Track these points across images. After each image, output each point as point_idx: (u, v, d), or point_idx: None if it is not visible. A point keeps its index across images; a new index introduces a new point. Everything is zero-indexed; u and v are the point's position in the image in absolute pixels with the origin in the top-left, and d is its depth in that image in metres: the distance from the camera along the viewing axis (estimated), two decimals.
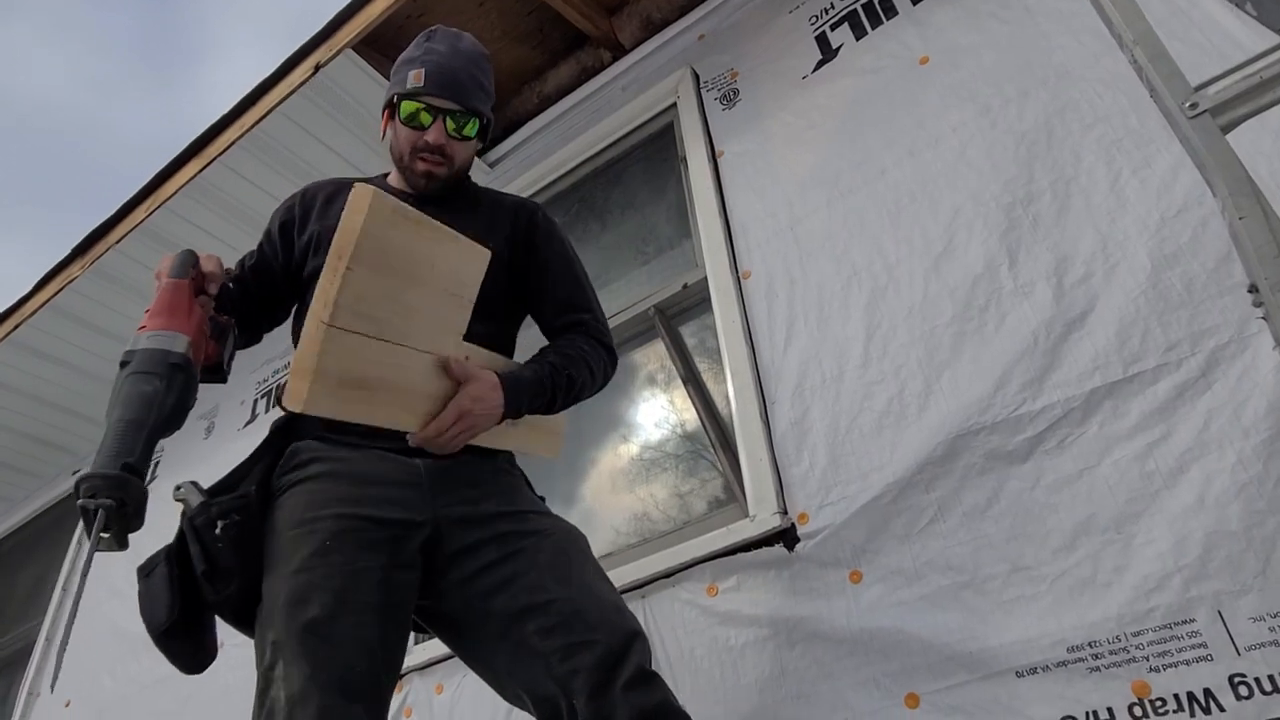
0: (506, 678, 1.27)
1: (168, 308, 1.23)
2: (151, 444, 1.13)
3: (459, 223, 1.42)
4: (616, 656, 1.14)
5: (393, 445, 1.31)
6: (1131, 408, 1.46)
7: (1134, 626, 1.32)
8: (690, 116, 2.53)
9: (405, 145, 1.47)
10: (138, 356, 1.17)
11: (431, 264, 1.25)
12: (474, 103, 1.46)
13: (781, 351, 1.95)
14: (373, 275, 1.18)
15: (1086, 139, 1.74)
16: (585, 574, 1.27)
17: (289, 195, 1.59)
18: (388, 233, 1.18)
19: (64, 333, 3.54)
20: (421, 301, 1.25)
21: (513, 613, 1.22)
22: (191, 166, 2.98)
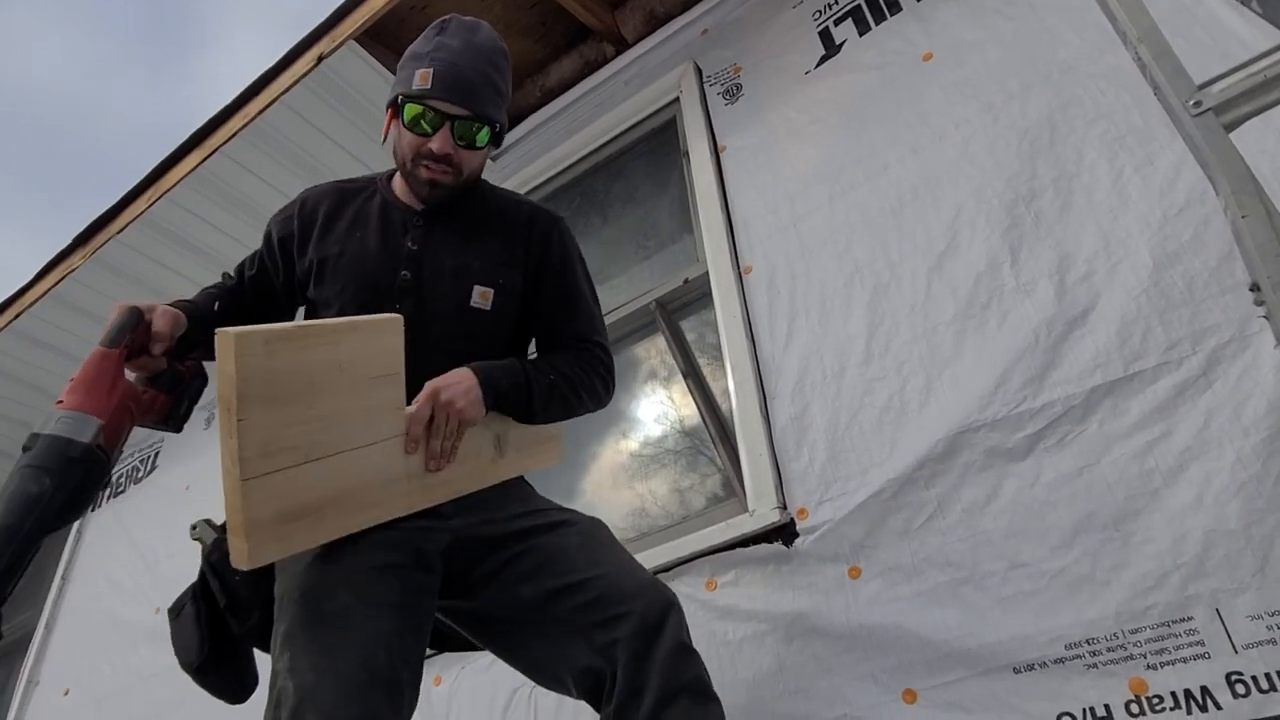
0: (545, 662, 1.27)
1: (86, 384, 1.18)
2: (23, 552, 1.10)
3: (462, 249, 1.40)
4: (654, 626, 1.15)
5: None
6: (1132, 406, 1.46)
7: (1132, 624, 1.32)
8: (693, 111, 2.52)
9: (409, 151, 1.36)
10: (38, 445, 1.12)
11: (336, 366, 1.14)
12: (485, 108, 1.34)
13: (782, 347, 1.95)
14: (270, 411, 1.08)
15: (1089, 136, 1.74)
16: (614, 553, 1.27)
17: (287, 203, 1.51)
18: (269, 365, 1.07)
19: (65, 322, 3.54)
20: (341, 404, 1.15)
21: (545, 596, 1.22)
22: (193, 157, 2.97)
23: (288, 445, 1.11)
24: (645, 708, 1.10)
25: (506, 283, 1.41)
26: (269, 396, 1.08)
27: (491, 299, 1.38)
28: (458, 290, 1.37)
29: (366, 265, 1.38)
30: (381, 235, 1.41)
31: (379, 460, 1.19)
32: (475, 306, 1.37)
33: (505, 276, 1.41)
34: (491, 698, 1.99)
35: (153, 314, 1.25)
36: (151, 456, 3.75)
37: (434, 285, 1.37)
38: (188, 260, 3.35)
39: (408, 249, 1.39)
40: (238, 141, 2.90)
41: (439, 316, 1.36)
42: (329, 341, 1.13)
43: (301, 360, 1.10)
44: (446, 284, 1.37)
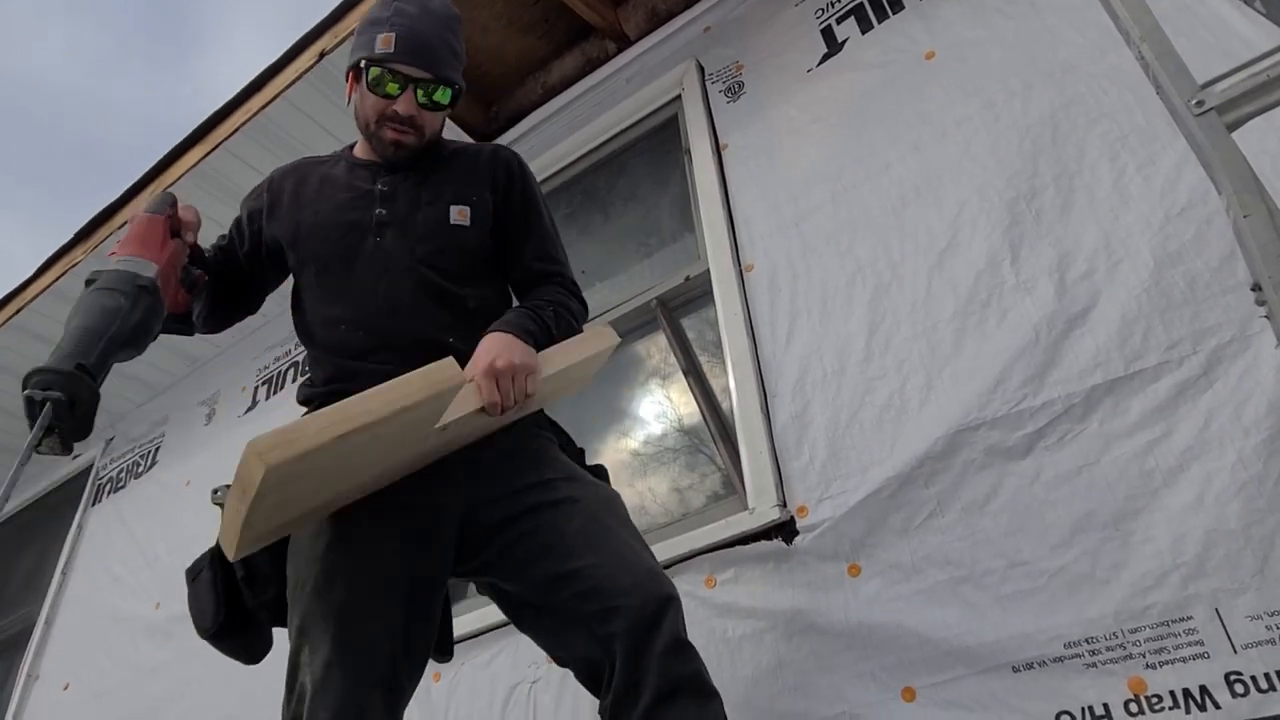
0: (551, 644, 1.31)
1: (140, 237, 1.23)
2: (108, 355, 1.10)
3: (431, 183, 1.46)
4: (650, 621, 1.14)
5: None
6: (1132, 405, 1.46)
7: (1131, 623, 1.32)
8: (695, 109, 2.52)
9: (372, 113, 1.41)
10: (104, 276, 1.17)
11: (373, 438, 1.10)
12: (446, 71, 1.40)
13: (783, 345, 1.95)
14: (288, 486, 1.08)
15: (1091, 135, 1.74)
16: (617, 539, 1.26)
17: (257, 184, 1.57)
18: (296, 469, 1.05)
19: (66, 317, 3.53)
20: (373, 454, 1.15)
21: (548, 582, 1.23)
22: (195, 152, 2.98)
23: (305, 496, 1.14)
24: (643, 704, 1.10)
25: (479, 199, 1.47)
26: (289, 484, 1.07)
27: (469, 215, 1.45)
28: (436, 212, 1.43)
29: (341, 213, 1.44)
30: (350, 187, 1.47)
31: (403, 458, 1.23)
32: (456, 224, 1.43)
33: (477, 194, 1.47)
34: (491, 694, 1.99)
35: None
36: (152, 452, 3.75)
37: (411, 213, 1.43)
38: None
39: (379, 190, 1.46)
40: (240, 137, 2.90)
41: (423, 238, 1.42)
42: (373, 430, 1.08)
43: (337, 452, 1.07)
44: (424, 210, 1.44)
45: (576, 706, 1.85)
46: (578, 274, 1.57)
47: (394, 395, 1.10)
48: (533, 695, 1.93)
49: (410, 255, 1.40)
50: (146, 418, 3.95)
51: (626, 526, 1.32)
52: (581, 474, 1.39)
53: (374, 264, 1.40)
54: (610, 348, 1.43)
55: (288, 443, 1.03)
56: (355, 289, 1.39)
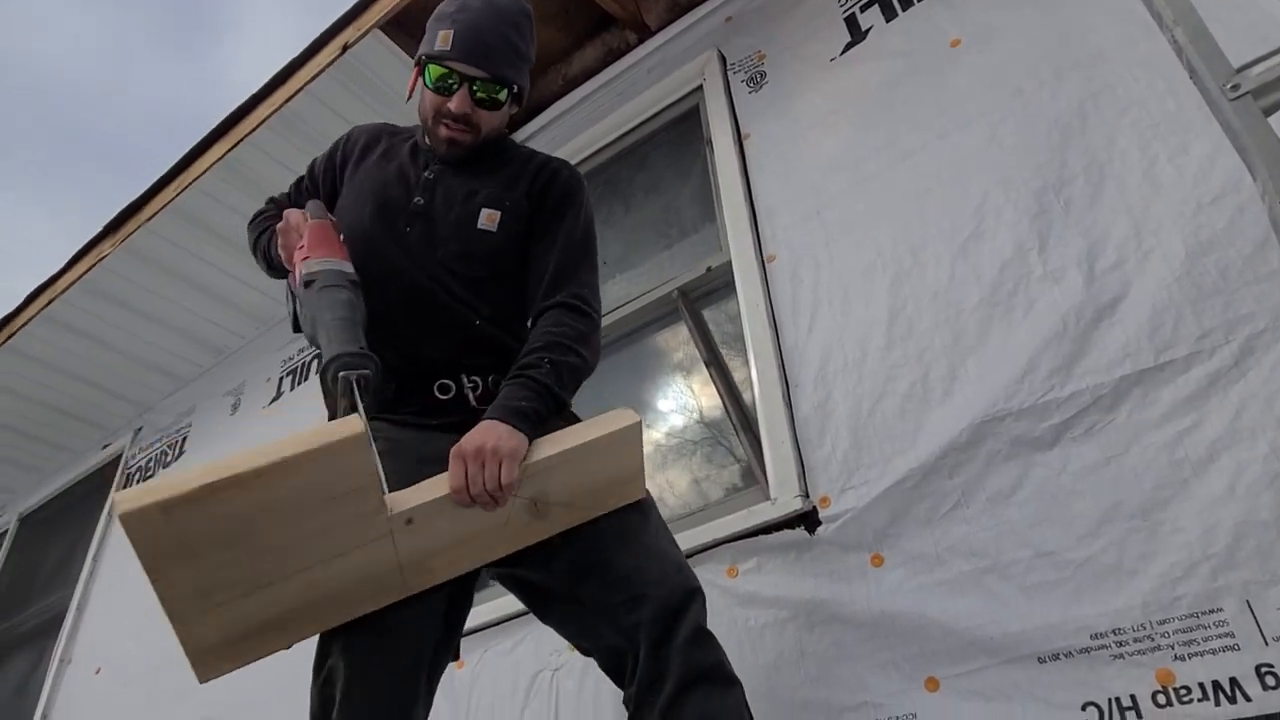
0: (578, 635, 1.30)
1: (325, 240, 1.32)
2: (363, 338, 1.21)
3: (475, 182, 1.46)
4: (674, 612, 1.15)
5: (452, 421, 1.31)
6: (1162, 395, 1.44)
7: (1160, 615, 1.30)
8: (716, 99, 2.51)
9: (430, 109, 1.44)
10: (321, 275, 1.26)
11: (272, 505, 1.01)
12: (503, 70, 1.40)
13: (805, 335, 1.94)
14: (192, 563, 1.01)
15: (1121, 123, 1.72)
16: (645, 534, 1.26)
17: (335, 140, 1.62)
18: (171, 531, 0.97)
19: (96, 309, 3.60)
20: (296, 531, 1.05)
21: (576, 574, 1.24)
22: (220, 146, 3.01)
23: (226, 582, 1.04)
24: (666, 693, 1.11)
25: (513, 205, 1.44)
26: (186, 553, 1.00)
27: (498, 220, 1.42)
28: (466, 213, 1.42)
29: (384, 189, 1.46)
30: (402, 168, 1.49)
31: (361, 562, 1.11)
32: (482, 228, 1.42)
33: (513, 200, 1.45)
34: (514, 681, 2.01)
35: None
36: (179, 442, 3.80)
37: (444, 210, 1.43)
38: (216, 249, 3.39)
39: (425, 178, 1.47)
40: (264, 130, 2.93)
41: (447, 239, 1.41)
42: (255, 488, 0.99)
43: (221, 511, 0.98)
44: (456, 209, 1.43)
45: (598, 694, 1.86)
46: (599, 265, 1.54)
47: (272, 448, 1.00)
48: (555, 682, 1.94)
49: (433, 254, 1.40)
50: (174, 408, 4.01)
51: (654, 519, 1.33)
52: None
53: (401, 254, 1.41)
54: (628, 428, 1.22)
55: (147, 492, 0.96)
56: (382, 273, 1.40)
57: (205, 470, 0.97)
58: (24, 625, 3.98)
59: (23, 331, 3.63)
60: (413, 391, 1.37)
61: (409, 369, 1.38)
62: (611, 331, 2.46)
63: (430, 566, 1.18)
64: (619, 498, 1.26)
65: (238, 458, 0.99)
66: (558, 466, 1.18)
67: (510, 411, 1.18)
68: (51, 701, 3.43)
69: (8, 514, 4.57)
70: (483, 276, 1.41)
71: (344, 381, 1.13)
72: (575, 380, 1.33)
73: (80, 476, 4.28)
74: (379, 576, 1.14)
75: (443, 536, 1.16)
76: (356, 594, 1.14)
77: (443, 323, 1.38)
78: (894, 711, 1.48)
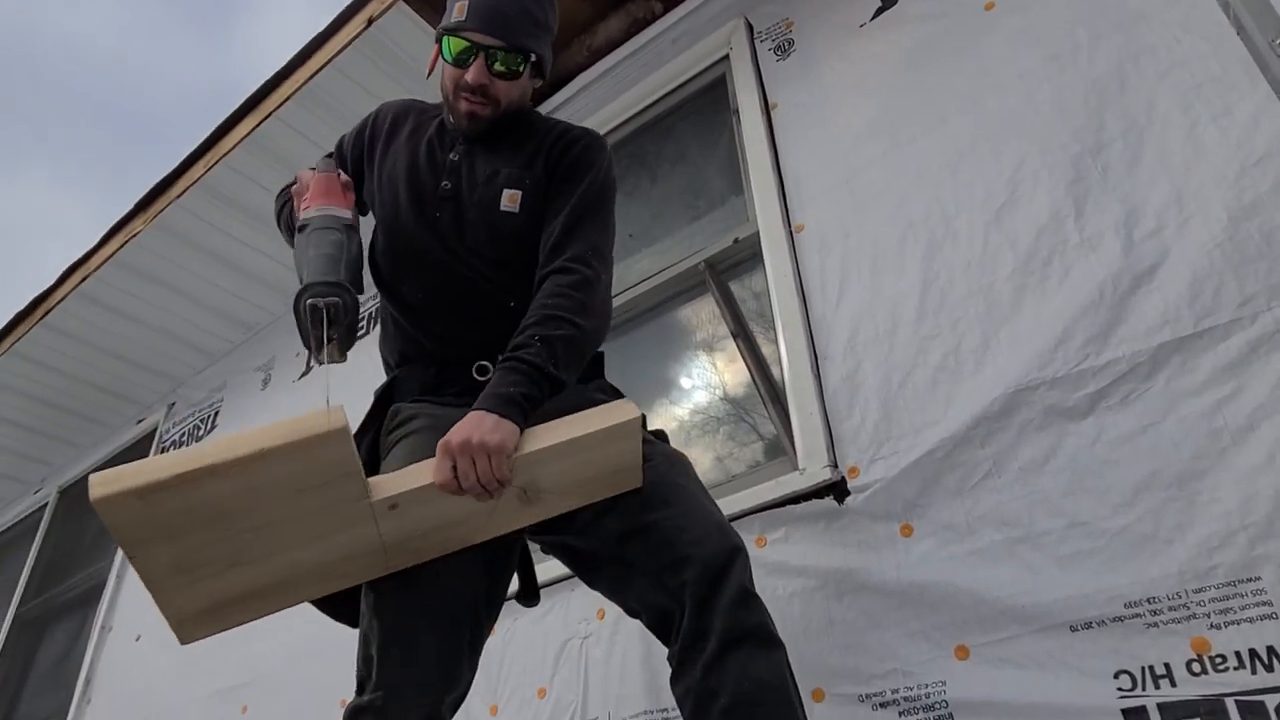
0: (625, 596, 1.30)
1: (324, 191, 1.32)
2: (350, 275, 1.20)
3: (497, 160, 1.44)
4: (718, 571, 1.15)
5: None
6: (1201, 363, 1.42)
7: (1195, 583, 1.29)
8: (743, 68, 2.48)
9: (449, 83, 1.41)
10: (314, 220, 1.26)
11: (251, 491, 1.01)
12: (520, 39, 1.36)
13: (834, 306, 1.93)
14: (171, 543, 1.02)
15: (1162, 85, 1.67)
16: (685, 495, 1.26)
17: (363, 118, 1.60)
18: (148, 515, 0.98)
19: (128, 286, 3.65)
20: (276, 515, 1.05)
21: (619, 537, 1.24)
22: (248, 122, 3.02)
23: (204, 561, 1.06)
24: (709, 651, 1.11)
25: (533, 183, 1.42)
26: (163, 535, 1.00)
27: (520, 200, 1.41)
28: (489, 195, 1.41)
29: (414, 173, 1.45)
30: (430, 149, 1.48)
31: (343, 542, 1.12)
32: (505, 210, 1.40)
33: (532, 177, 1.43)
34: (544, 648, 2.03)
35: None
36: (211, 416, 3.86)
37: (470, 194, 1.42)
38: (245, 225, 3.42)
39: (450, 161, 1.45)
40: (291, 106, 2.94)
41: (474, 223, 1.41)
42: (231, 477, 0.99)
43: (197, 498, 0.99)
44: (480, 191, 1.42)
45: (626, 661, 1.88)
46: (624, 239, 1.52)
47: (252, 438, 0.99)
48: (584, 650, 1.96)
49: (460, 241, 1.40)
50: (206, 383, 4.07)
51: (694, 482, 1.33)
52: (648, 435, 1.38)
53: (433, 241, 1.42)
54: (626, 423, 1.19)
55: (120, 477, 0.96)
56: (417, 262, 1.43)
57: (180, 458, 0.97)
58: (66, 595, 4.09)
59: (58, 308, 3.69)
60: (454, 375, 1.40)
61: (449, 353, 1.41)
62: (637, 305, 2.45)
63: (415, 547, 1.18)
64: (615, 486, 1.25)
65: (217, 446, 0.99)
66: (549, 458, 1.16)
67: (500, 400, 1.16)
68: (94, 667, 3.53)
69: (48, 487, 4.68)
70: (512, 259, 1.41)
71: (312, 309, 1.11)
72: (574, 353, 1.27)
73: (117, 450, 4.36)
74: (361, 555, 1.15)
75: (427, 520, 1.16)
76: (339, 569, 1.16)
77: (478, 308, 1.40)
78: (923, 679, 1.48)
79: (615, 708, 1.86)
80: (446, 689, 1.19)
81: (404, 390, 1.44)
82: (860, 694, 1.54)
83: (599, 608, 1.96)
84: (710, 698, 1.10)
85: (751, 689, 1.09)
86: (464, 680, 1.23)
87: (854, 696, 1.54)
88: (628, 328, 2.48)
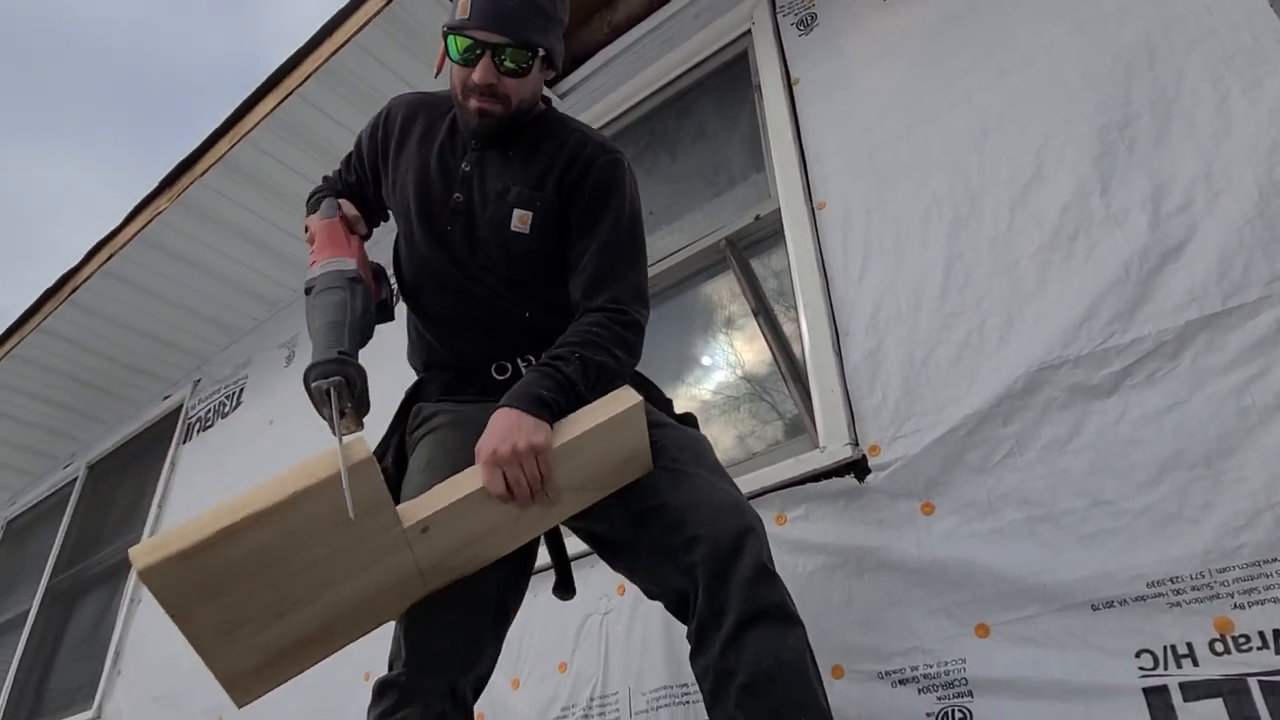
0: (644, 579, 1.32)
1: (328, 241, 1.34)
2: (355, 341, 1.22)
3: (508, 172, 1.41)
4: (728, 551, 1.15)
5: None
6: (1229, 341, 1.40)
7: (1220, 563, 1.28)
8: (765, 43, 2.45)
9: (458, 83, 1.36)
10: (318, 280, 1.28)
11: (289, 533, 1.04)
12: (527, 34, 1.31)
13: (856, 283, 1.92)
14: (215, 601, 1.03)
15: (1191, 57, 1.64)
16: (698, 476, 1.27)
17: (377, 113, 1.58)
18: (190, 577, 0.99)
19: (153, 264, 3.69)
20: (312, 556, 1.07)
21: (632, 522, 1.26)
22: (270, 100, 3.03)
23: (251, 615, 1.07)
24: (727, 629, 1.12)
25: (544, 205, 1.39)
26: (209, 594, 1.02)
27: (530, 222, 1.38)
28: (499, 214, 1.39)
29: (425, 185, 1.44)
30: (442, 155, 1.46)
31: (380, 573, 1.15)
32: (515, 231, 1.39)
33: (543, 199, 1.40)
34: (564, 624, 2.06)
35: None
36: (237, 393, 3.91)
37: (481, 208, 1.41)
38: (268, 203, 3.44)
39: (462, 171, 1.43)
40: (312, 84, 2.94)
41: (486, 240, 1.40)
42: (270, 524, 1.01)
43: (239, 551, 1.01)
44: (491, 208, 1.40)
45: (646, 637, 1.90)
46: (645, 217, 1.52)
47: (282, 483, 1.02)
48: (604, 626, 1.98)
49: (474, 258, 1.41)
50: (230, 360, 4.12)
51: (708, 464, 1.33)
52: (665, 419, 1.40)
53: (445, 257, 1.42)
54: (630, 409, 1.20)
55: (162, 544, 0.97)
56: (431, 274, 1.45)
57: (218, 514, 0.99)
58: (96, 567, 4.17)
59: (84, 286, 3.74)
60: (472, 377, 1.45)
61: (467, 359, 1.46)
62: (658, 282, 2.45)
63: (449, 566, 1.21)
64: (628, 475, 1.26)
65: (246, 497, 1.01)
66: (564, 457, 1.18)
67: (533, 400, 1.17)
68: (124, 638, 3.61)
69: (77, 462, 4.77)
70: (524, 277, 1.41)
71: (318, 391, 1.13)
72: (605, 381, 1.27)
73: (144, 426, 4.43)
74: (400, 583, 1.18)
75: (458, 538, 1.18)
76: (380, 602, 1.18)
77: (494, 320, 1.43)
78: (943, 657, 1.48)
79: (636, 683, 1.88)
80: (467, 669, 1.22)
81: (428, 391, 1.50)
82: (880, 671, 1.54)
83: (619, 584, 1.98)
84: (729, 675, 1.11)
85: (770, 666, 1.10)
86: (485, 662, 1.27)
87: (873, 673, 1.55)
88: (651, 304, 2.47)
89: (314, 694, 2.58)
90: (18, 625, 4.38)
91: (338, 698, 2.46)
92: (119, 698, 3.47)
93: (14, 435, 4.74)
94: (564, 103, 3.06)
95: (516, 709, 2.07)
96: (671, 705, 1.79)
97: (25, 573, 4.65)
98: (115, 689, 3.51)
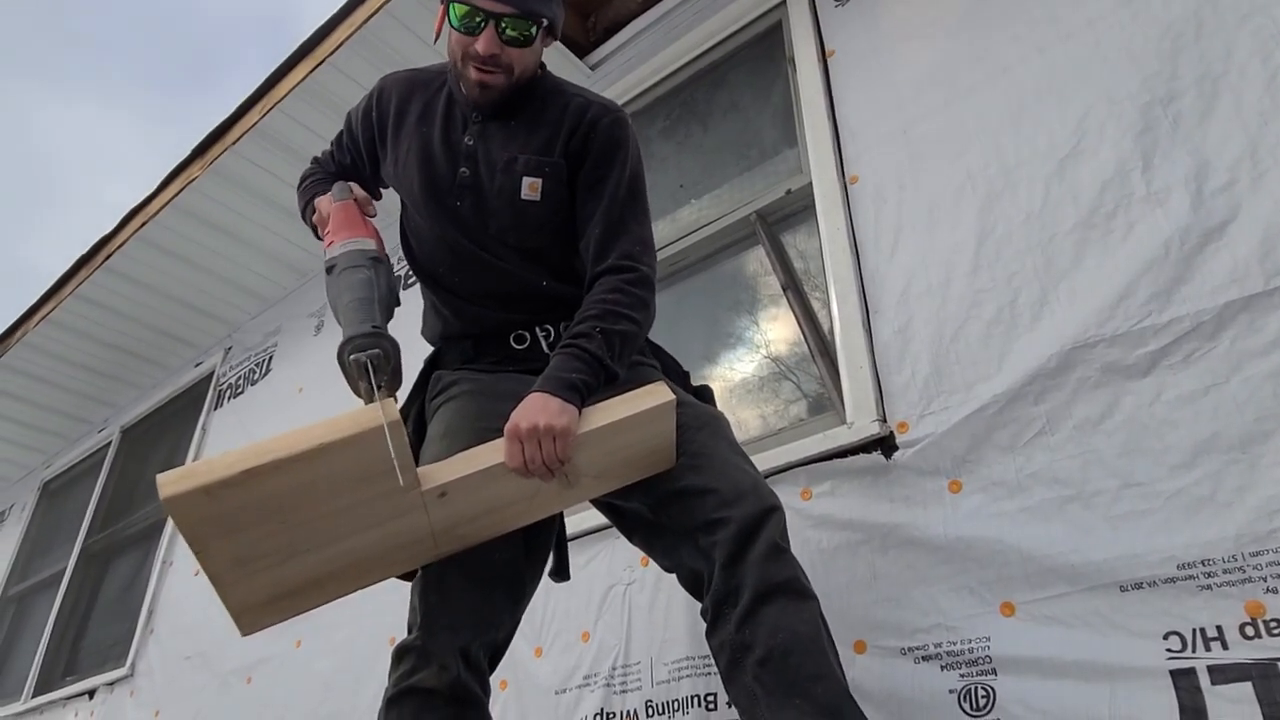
0: (664, 557, 1.35)
1: (346, 222, 1.35)
2: (385, 316, 1.24)
3: (514, 141, 1.41)
4: (750, 530, 1.16)
5: (527, 368, 1.38)
6: (1270, 323, 1.37)
7: (1253, 547, 1.27)
8: (800, 14, 2.42)
9: (458, 51, 1.35)
10: (340, 258, 1.30)
11: (307, 485, 1.07)
12: (530, 3, 1.30)
13: (888, 258, 1.90)
14: (232, 536, 1.07)
15: (1241, 32, 1.59)
16: (719, 457, 1.28)
17: (366, 95, 1.55)
18: (214, 510, 1.03)
19: (187, 231, 3.73)
20: (327, 508, 1.11)
21: (657, 501, 1.28)
22: (302, 68, 3.04)
23: (264, 552, 1.12)
24: (742, 605, 1.13)
25: (553, 170, 1.39)
26: (227, 529, 1.06)
27: (540, 189, 1.39)
28: (509, 184, 1.39)
29: (429, 163, 1.44)
30: (444, 131, 1.45)
31: (395, 530, 1.18)
32: (526, 199, 1.39)
33: (551, 165, 1.40)
34: (588, 594, 2.08)
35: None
36: (266, 360, 3.96)
37: (489, 180, 1.41)
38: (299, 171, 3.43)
39: (465, 145, 1.43)
40: (344, 52, 2.94)
41: (496, 211, 1.40)
42: (291, 472, 1.05)
43: (260, 492, 1.05)
44: (499, 178, 1.40)
45: (670, 608, 1.91)
46: (674, 189, 1.51)
47: (310, 433, 1.05)
48: (628, 596, 2.00)
49: (485, 230, 1.41)
50: (260, 328, 4.17)
51: (728, 443, 1.33)
52: (685, 397, 1.40)
53: (456, 231, 1.43)
54: (660, 407, 1.21)
55: (189, 475, 1.02)
56: (443, 250, 1.45)
57: (245, 455, 1.03)
58: (129, 530, 4.27)
59: (119, 252, 3.79)
60: (490, 346, 1.46)
61: (484, 329, 1.46)
62: (687, 255, 2.44)
63: (461, 533, 1.24)
64: (649, 468, 1.28)
65: (277, 442, 1.05)
66: (589, 443, 1.20)
67: (562, 384, 1.20)
68: (156, 599, 3.70)
69: (111, 427, 4.87)
70: (537, 245, 1.42)
71: (356, 364, 1.16)
72: (629, 348, 1.31)
73: (176, 392, 4.51)
74: (412, 543, 1.22)
75: (474, 507, 1.21)
76: (391, 557, 1.23)
77: (509, 289, 1.44)
78: (967, 634, 1.48)
79: (658, 653, 1.90)
80: (477, 634, 1.24)
81: (447, 360, 1.51)
82: (903, 647, 1.55)
83: (643, 556, 1.98)
84: (745, 650, 1.12)
85: (785, 640, 1.11)
86: (497, 630, 1.29)
87: (896, 649, 1.55)
88: (677, 278, 2.47)
89: (343, 653, 2.64)
90: (54, 583, 4.49)
91: (365, 659, 2.51)
92: (151, 656, 3.56)
93: (49, 399, 4.84)
94: (595, 74, 3.04)
95: (539, 676, 2.10)
96: (694, 676, 1.81)
97: (62, 533, 4.77)
98: (148, 647, 3.60)
